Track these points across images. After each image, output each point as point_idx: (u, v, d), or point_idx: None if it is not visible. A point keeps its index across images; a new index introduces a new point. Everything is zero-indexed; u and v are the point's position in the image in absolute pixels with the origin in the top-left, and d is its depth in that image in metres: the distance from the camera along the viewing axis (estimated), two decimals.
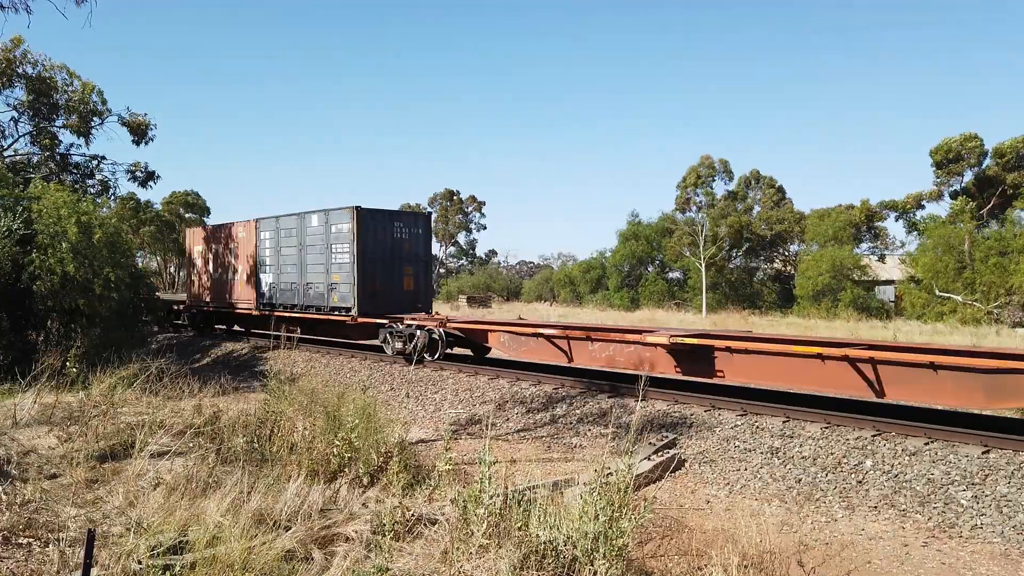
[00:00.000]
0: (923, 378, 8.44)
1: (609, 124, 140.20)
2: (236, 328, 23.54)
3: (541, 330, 13.00)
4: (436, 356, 15.02)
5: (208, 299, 23.26)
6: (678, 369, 10.95)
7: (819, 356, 9.20)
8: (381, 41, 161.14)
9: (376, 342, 16.98)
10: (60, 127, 24.67)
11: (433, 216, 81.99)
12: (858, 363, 8.88)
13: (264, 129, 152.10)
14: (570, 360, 12.52)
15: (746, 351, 10.04)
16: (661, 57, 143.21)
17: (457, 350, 16.12)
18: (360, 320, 16.81)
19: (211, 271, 22.79)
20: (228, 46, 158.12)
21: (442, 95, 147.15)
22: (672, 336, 10.71)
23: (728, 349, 10.22)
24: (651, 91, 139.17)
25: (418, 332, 15.21)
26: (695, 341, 10.47)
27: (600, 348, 11.95)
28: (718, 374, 10.45)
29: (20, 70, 22.71)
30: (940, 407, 9.76)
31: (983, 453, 7.62)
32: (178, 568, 4.60)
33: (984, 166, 44.72)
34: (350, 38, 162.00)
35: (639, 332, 11.87)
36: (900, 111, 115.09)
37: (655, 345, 10.91)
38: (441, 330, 14.94)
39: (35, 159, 25.24)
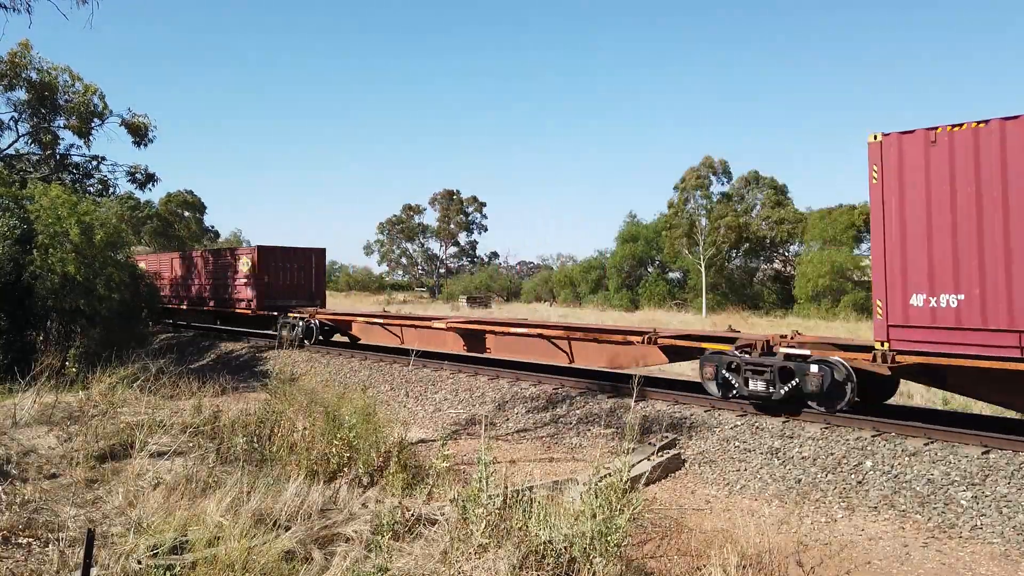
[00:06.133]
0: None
1: (609, 125, 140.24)
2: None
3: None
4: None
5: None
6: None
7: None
8: (381, 41, 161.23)
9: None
10: (61, 127, 24.69)
11: (434, 216, 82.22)
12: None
13: (264, 129, 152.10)
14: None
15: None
16: (661, 58, 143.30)
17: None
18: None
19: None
20: (228, 46, 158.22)
21: (442, 96, 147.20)
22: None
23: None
24: (651, 92, 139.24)
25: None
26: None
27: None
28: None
29: (25, 75, 22.80)
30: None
31: (983, 454, 7.62)
32: (178, 568, 4.60)
33: None
34: (350, 39, 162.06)
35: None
36: (900, 111, 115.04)
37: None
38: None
39: (35, 158, 25.24)
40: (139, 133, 25.27)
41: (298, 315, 19.30)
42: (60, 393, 10.43)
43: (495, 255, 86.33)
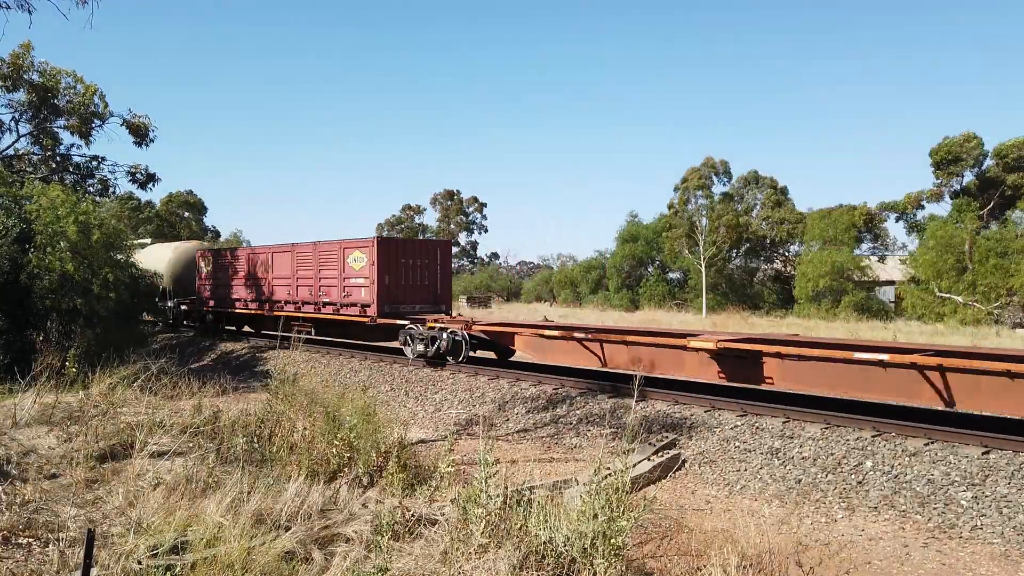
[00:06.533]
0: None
1: (609, 125, 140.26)
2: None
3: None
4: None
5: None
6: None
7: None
8: (381, 41, 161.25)
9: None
10: (61, 127, 24.68)
11: (434, 216, 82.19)
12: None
13: (263, 129, 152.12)
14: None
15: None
16: (661, 58, 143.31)
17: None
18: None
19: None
20: (227, 47, 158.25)
21: (442, 96, 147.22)
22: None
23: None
24: (651, 92, 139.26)
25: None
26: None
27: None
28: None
29: (27, 76, 22.79)
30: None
31: (983, 454, 7.62)
32: (178, 568, 4.60)
33: (984, 167, 44.71)
34: (350, 39, 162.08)
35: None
36: (900, 111, 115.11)
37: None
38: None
39: (35, 158, 25.24)
40: (140, 133, 25.26)
41: (440, 325, 15.00)
42: (60, 393, 10.43)
43: (495, 255, 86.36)
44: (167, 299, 25.98)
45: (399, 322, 16.08)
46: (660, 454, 9.03)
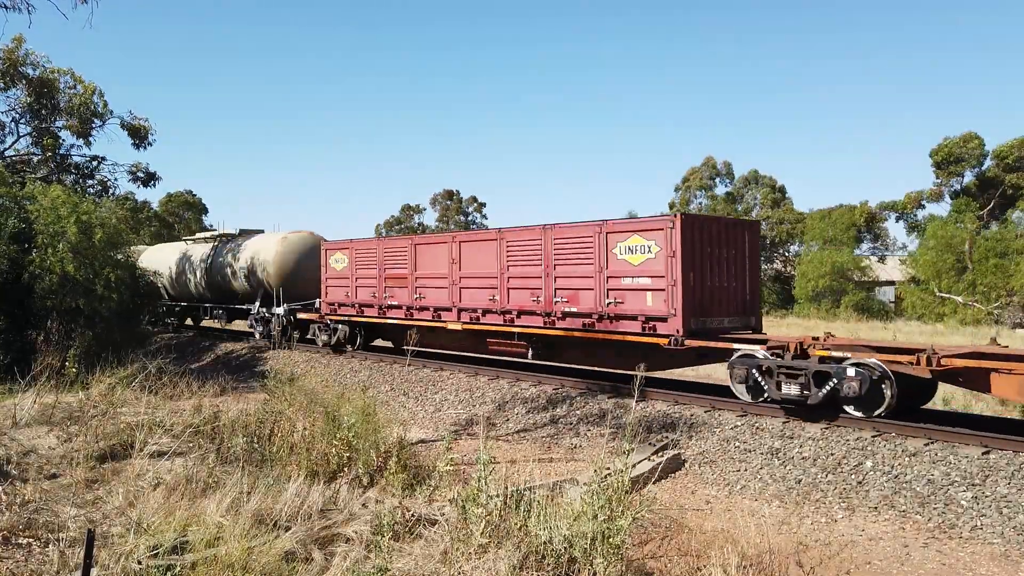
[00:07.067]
0: None
1: (609, 125, 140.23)
2: None
3: None
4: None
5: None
6: None
7: None
8: (381, 41, 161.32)
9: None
10: (61, 127, 24.69)
11: (434, 216, 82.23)
12: None
13: (263, 129, 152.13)
14: None
15: None
16: (661, 58, 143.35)
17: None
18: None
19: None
20: (227, 47, 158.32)
21: (442, 96, 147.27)
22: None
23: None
24: (651, 92, 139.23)
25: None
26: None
27: None
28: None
29: (22, 70, 22.70)
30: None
31: (983, 454, 7.62)
32: (178, 568, 4.60)
33: (984, 167, 44.74)
34: (350, 39, 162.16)
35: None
36: (900, 111, 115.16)
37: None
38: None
39: (35, 159, 25.24)
40: (139, 135, 25.29)
41: (835, 352, 9.29)
42: (60, 393, 10.44)
43: None
44: (273, 304, 19.74)
45: (716, 345, 10.59)
46: (660, 454, 9.04)
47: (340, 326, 17.58)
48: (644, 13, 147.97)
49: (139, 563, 4.65)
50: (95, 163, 26.14)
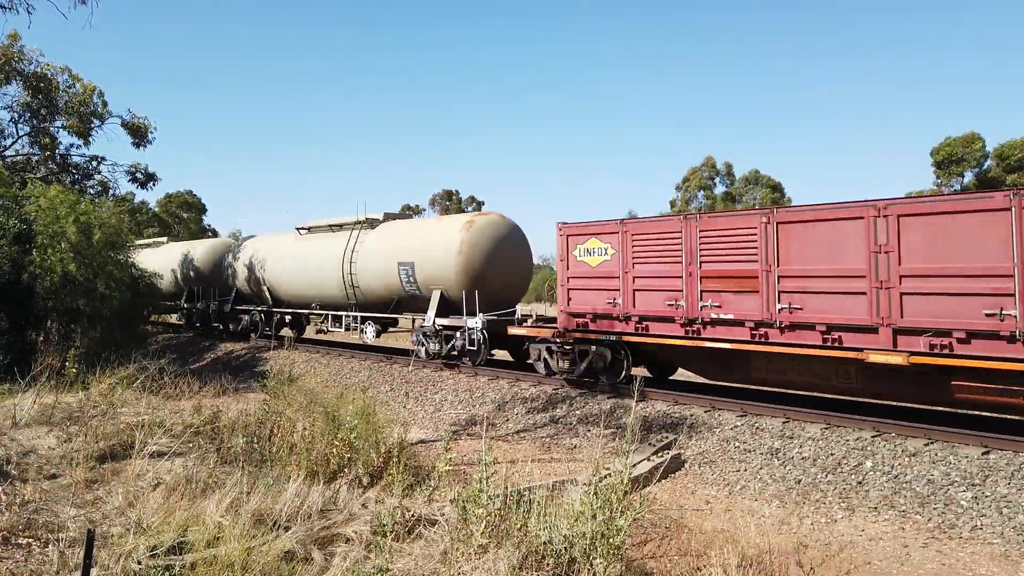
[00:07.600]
0: None
1: (609, 125, 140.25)
2: None
3: None
4: None
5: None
6: None
7: None
8: (381, 41, 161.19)
9: None
10: (60, 127, 24.68)
11: (433, 216, 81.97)
12: None
13: (263, 129, 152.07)
14: None
15: None
16: (661, 58, 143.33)
17: None
18: None
19: None
20: (227, 47, 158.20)
21: (442, 96, 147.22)
22: None
23: None
24: (651, 92, 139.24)
25: None
26: None
27: None
28: None
29: (18, 67, 22.63)
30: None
31: (983, 454, 7.62)
32: (178, 568, 4.60)
33: (985, 167, 44.75)
34: (350, 39, 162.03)
35: None
36: (900, 111, 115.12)
37: None
38: None
39: (35, 159, 25.23)
40: (139, 134, 25.28)
41: None
42: (60, 393, 10.44)
43: None
44: (455, 313, 14.89)
45: None
46: (660, 454, 9.03)
47: (595, 347, 11.99)
48: (644, 13, 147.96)
49: (139, 563, 4.65)
50: (95, 163, 26.14)
